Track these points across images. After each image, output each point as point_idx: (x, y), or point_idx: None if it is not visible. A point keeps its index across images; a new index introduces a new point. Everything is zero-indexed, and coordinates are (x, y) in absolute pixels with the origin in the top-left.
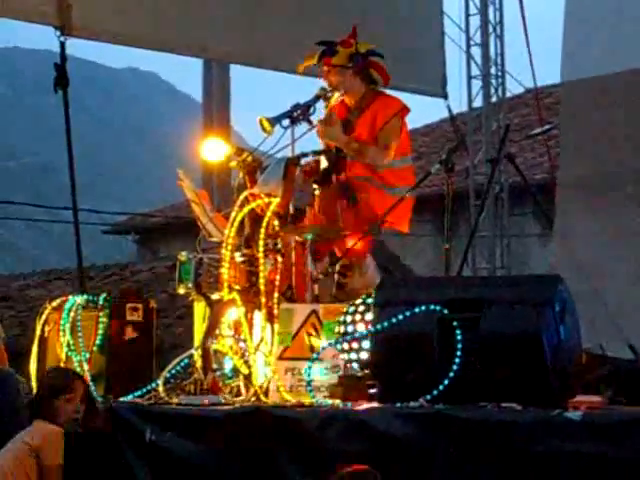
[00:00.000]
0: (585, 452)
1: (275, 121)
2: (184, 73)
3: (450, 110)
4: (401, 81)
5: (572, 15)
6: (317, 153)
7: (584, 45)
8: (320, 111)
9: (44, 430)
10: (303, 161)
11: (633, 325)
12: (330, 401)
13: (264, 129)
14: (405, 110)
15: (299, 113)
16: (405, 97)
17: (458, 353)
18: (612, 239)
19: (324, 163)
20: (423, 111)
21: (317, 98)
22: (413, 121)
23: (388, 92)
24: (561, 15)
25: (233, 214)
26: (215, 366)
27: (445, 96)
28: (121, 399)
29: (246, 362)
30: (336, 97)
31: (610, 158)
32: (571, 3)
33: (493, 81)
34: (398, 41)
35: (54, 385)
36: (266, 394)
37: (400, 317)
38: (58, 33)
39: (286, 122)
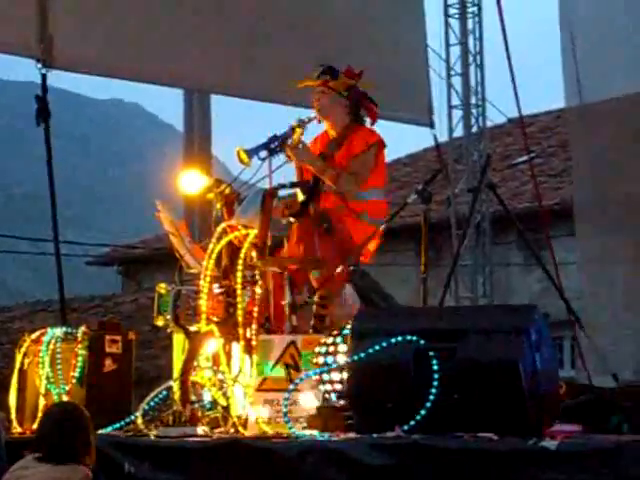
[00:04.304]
0: None
1: (252, 153)
2: (166, 103)
3: (436, 139)
4: (388, 110)
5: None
6: (294, 185)
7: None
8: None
9: (79, 473)
10: (280, 193)
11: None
12: (308, 432)
13: (241, 161)
14: (382, 145)
15: (276, 144)
16: (389, 127)
17: (435, 383)
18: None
19: (300, 195)
20: (405, 141)
21: (293, 129)
22: (396, 151)
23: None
24: (541, 44)
25: (211, 246)
26: (194, 398)
27: (432, 125)
28: (100, 431)
29: (224, 394)
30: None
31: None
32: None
33: (474, 110)
34: (384, 70)
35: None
36: (245, 425)
37: (377, 347)
38: (39, 65)
39: (263, 153)
